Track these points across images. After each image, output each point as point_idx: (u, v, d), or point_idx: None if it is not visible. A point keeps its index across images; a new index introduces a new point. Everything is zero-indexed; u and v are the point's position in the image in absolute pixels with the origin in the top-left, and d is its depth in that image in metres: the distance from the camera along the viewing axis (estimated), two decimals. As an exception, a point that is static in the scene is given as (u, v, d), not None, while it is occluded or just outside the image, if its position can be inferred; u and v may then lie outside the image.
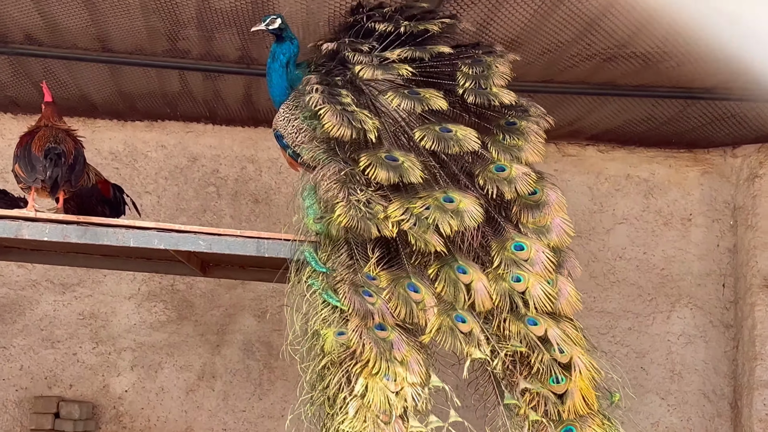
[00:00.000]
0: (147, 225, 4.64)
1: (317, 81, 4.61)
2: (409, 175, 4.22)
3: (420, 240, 4.09)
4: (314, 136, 4.55)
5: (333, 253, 4.22)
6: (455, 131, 4.41)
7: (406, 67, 4.56)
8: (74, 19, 5.79)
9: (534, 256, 4.27)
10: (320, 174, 4.34)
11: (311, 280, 4.20)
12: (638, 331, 7.78)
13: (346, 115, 4.33)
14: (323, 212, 4.25)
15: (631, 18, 5.37)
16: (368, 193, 4.18)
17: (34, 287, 7.55)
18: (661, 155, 7.89)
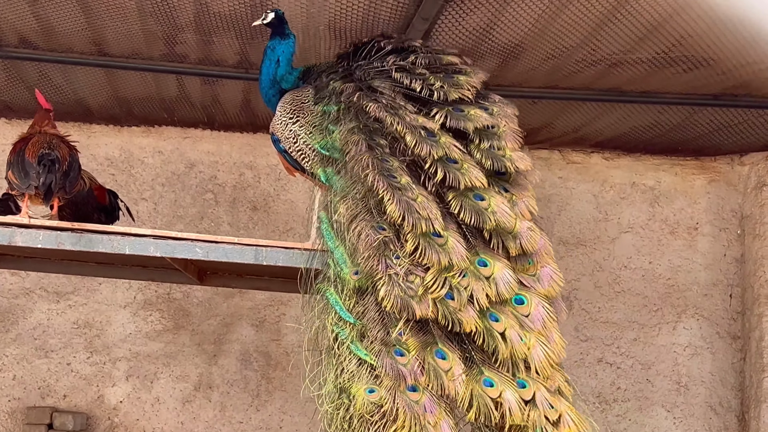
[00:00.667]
0: (143, 232, 4.63)
1: (362, 136, 4.36)
2: (453, 255, 4.04)
3: (454, 319, 3.92)
4: (324, 157, 4.49)
5: (360, 304, 4.08)
6: (488, 202, 4.25)
7: (453, 142, 4.35)
8: (70, 22, 5.79)
9: (534, 311, 4.14)
10: (349, 224, 4.19)
11: (338, 328, 4.06)
12: (644, 342, 7.76)
13: (407, 202, 4.11)
14: (358, 268, 4.10)
15: (637, 23, 5.37)
16: (404, 262, 4.02)
17: (28, 295, 7.53)
18: (667, 163, 7.88)
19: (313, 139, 4.63)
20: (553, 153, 7.89)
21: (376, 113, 4.39)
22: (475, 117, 4.41)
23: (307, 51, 5.99)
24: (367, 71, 4.67)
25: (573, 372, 7.67)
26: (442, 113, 4.38)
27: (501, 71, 6.21)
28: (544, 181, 7.87)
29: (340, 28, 5.67)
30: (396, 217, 4.06)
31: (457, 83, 4.52)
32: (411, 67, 4.60)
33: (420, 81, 4.50)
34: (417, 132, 4.28)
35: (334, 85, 4.74)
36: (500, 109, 4.51)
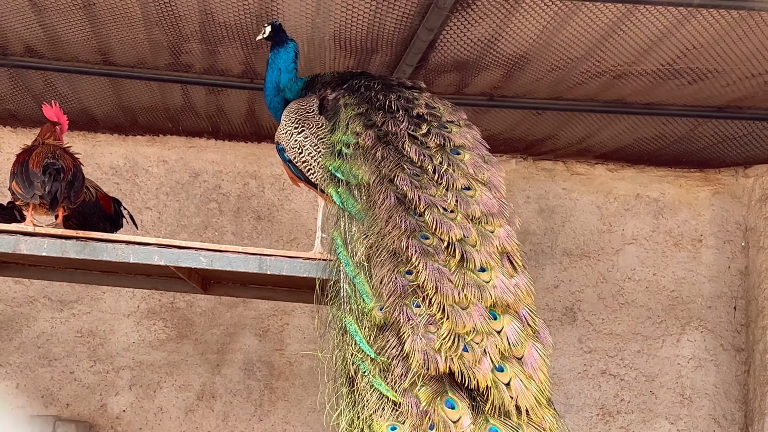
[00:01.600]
0: (147, 241, 4.63)
1: (391, 188, 4.29)
2: (476, 319, 3.97)
3: (469, 373, 3.85)
4: (338, 180, 4.43)
5: (380, 337, 4.00)
6: (490, 275, 4.15)
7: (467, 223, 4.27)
8: (76, 31, 5.81)
9: (527, 353, 4.04)
10: (369, 262, 4.14)
11: (359, 361, 4.00)
12: (647, 354, 7.75)
13: (439, 270, 4.02)
14: (382, 304, 4.03)
15: (642, 35, 5.38)
16: (425, 312, 3.95)
17: (32, 304, 7.54)
18: (671, 175, 7.88)
19: (323, 158, 4.60)
20: (557, 164, 7.90)
21: (403, 186, 4.31)
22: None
23: (313, 61, 6.01)
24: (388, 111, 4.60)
25: (576, 384, 7.68)
26: (453, 196, 4.32)
27: (505, 82, 6.22)
28: (548, 192, 7.88)
29: (345, 38, 5.68)
30: (429, 289, 3.98)
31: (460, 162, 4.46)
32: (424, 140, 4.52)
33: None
34: (438, 211, 4.22)
35: (347, 113, 4.68)
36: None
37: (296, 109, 4.90)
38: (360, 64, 6.03)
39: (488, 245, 4.10)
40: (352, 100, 4.72)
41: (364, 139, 4.44)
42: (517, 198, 7.85)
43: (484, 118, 6.91)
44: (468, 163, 4.32)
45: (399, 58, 5.87)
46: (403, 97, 4.58)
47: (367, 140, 4.42)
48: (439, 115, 4.52)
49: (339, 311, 4.20)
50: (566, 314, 7.78)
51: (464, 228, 4.11)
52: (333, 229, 4.42)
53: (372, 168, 4.35)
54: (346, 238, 4.33)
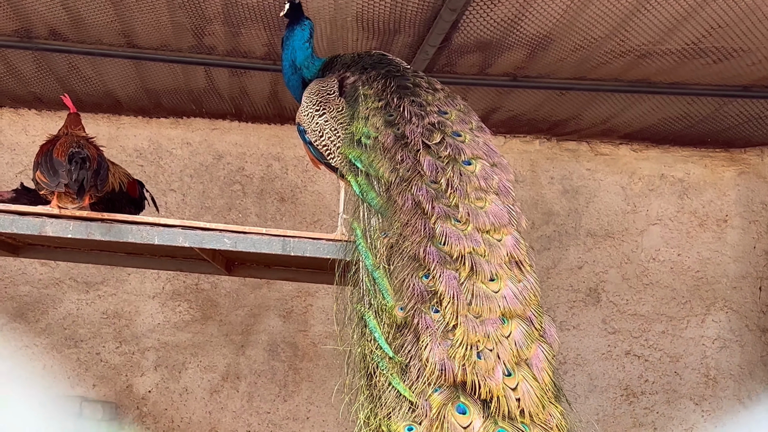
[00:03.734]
0: (172, 222, 4.64)
1: (410, 192, 4.29)
2: (489, 327, 3.99)
3: (483, 383, 3.86)
4: (357, 169, 4.43)
5: (399, 337, 4.04)
6: (499, 284, 4.17)
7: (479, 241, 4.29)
8: (99, 14, 5.82)
9: (533, 355, 4.03)
10: (389, 261, 4.16)
11: (378, 359, 4.06)
12: (672, 335, 7.74)
13: (455, 277, 4.07)
14: (402, 304, 4.06)
15: (667, 13, 5.34)
16: (442, 320, 3.96)
17: (58, 285, 7.60)
18: (696, 155, 7.84)
19: (343, 144, 4.60)
20: (581, 144, 7.87)
21: (419, 195, 4.33)
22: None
23: (335, 42, 6.01)
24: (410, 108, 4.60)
25: (600, 364, 7.67)
26: (464, 208, 4.32)
27: (529, 62, 6.20)
28: (572, 173, 7.86)
29: (367, 19, 5.67)
30: (446, 297, 4.00)
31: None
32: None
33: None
34: (451, 223, 4.25)
35: (366, 104, 4.68)
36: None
37: (317, 90, 4.88)
38: (382, 45, 6.02)
39: (497, 255, 4.13)
40: (371, 92, 4.69)
41: (384, 137, 4.45)
42: (540, 179, 7.83)
43: (507, 98, 6.89)
44: (479, 174, 4.33)
45: (422, 38, 5.86)
46: (417, 102, 4.57)
47: (387, 139, 4.43)
48: (450, 123, 4.52)
49: (358, 304, 4.22)
50: (590, 295, 7.77)
51: (474, 240, 4.13)
52: (352, 217, 4.44)
53: (391, 166, 4.36)
54: (365, 228, 4.34)
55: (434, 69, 6.31)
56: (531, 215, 7.79)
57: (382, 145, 4.42)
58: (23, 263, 7.51)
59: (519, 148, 7.86)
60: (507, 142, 7.82)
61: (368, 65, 4.86)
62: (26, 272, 7.58)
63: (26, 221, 4.59)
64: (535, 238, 7.78)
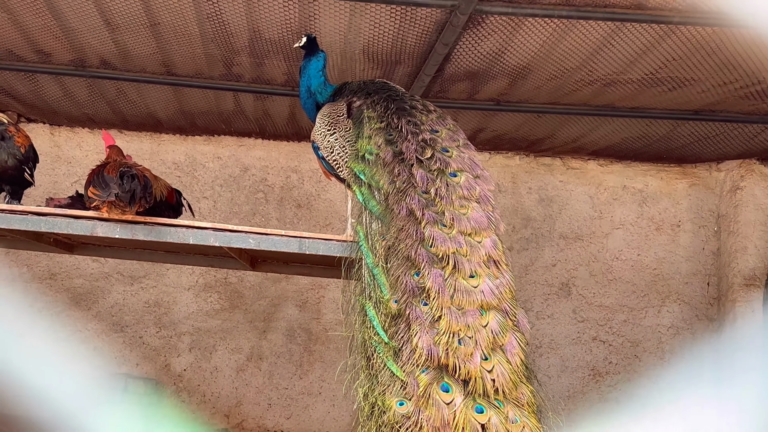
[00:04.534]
0: (204, 225, 4.64)
1: (404, 201, 4.28)
2: (470, 318, 3.99)
3: (463, 366, 3.87)
4: (361, 181, 4.44)
5: (393, 325, 4.04)
6: (478, 281, 4.17)
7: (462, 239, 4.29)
8: (143, 47, 5.83)
9: (507, 341, 4.03)
10: (386, 259, 4.15)
11: (376, 343, 4.04)
12: (632, 323, 7.72)
13: (441, 275, 4.07)
14: (397, 297, 4.05)
15: (629, 48, 5.34)
16: (429, 311, 3.97)
17: (107, 279, 7.60)
18: (653, 169, 7.83)
19: (350, 159, 4.59)
20: (555, 160, 7.87)
21: (412, 203, 4.34)
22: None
23: (345, 72, 6.01)
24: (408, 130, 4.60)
25: (571, 348, 7.66)
26: (450, 215, 4.31)
27: (511, 89, 6.19)
28: (547, 184, 7.85)
29: (372, 52, 5.67)
30: (433, 292, 4.02)
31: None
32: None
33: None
34: (438, 227, 4.25)
35: (370, 125, 4.67)
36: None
37: (329, 113, 4.89)
38: (385, 74, 6.02)
39: (477, 255, 4.13)
40: (374, 114, 4.69)
41: (384, 154, 4.45)
42: (520, 189, 7.83)
43: (492, 120, 6.88)
44: (463, 185, 4.33)
45: (419, 68, 5.86)
46: (412, 122, 4.57)
47: (387, 155, 4.44)
48: (440, 140, 4.52)
49: (360, 296, 4.23)
50: (562, 289, 7.76)
51: (458, 242, 4.14)
52: (356, 221, 4.45)
53: (390, 179, 4.37)
54: (367, 232, 4.35)
55: (429, 94, 6.31)
56: (512, 220, 7.79)
57: (383, 160, 4.42)
58: (77, 259, 7.51)
59: (502, 162, 7.85)
60: (491, 157, 7.81)
61: (372, 91, 4.86)
62: (79, 267, 7.58)
63: (80, 223, 4.59)
64: (515, 239, 7.78)
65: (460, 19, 4.96)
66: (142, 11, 5.28)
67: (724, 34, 5.07)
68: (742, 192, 7.44)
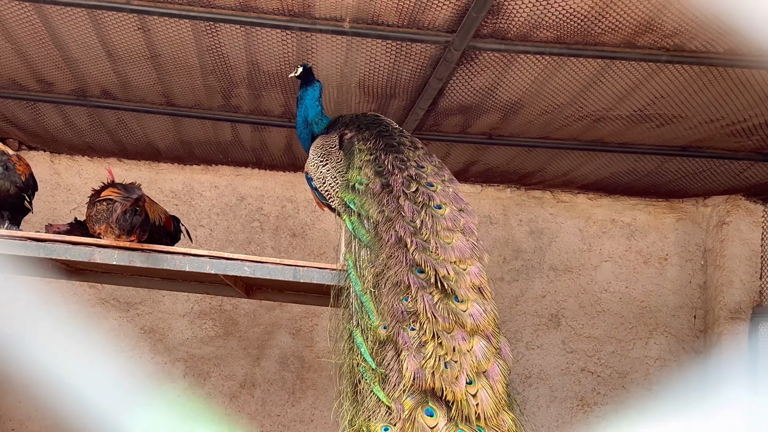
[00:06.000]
0: (200, 253, 4.63)
1: (393, 230, 4.29)
2: (458, 341, 4.01)
3: (448, 389, 3.86)
4: (351, 210, 4.47)
5: (381, 352, 4.04)
6: (466, 305, 4.18)
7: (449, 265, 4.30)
8: (144, 78, 5.84)
9: (491, 368, 4.01)
10: (374, 286, 4.17)
11: (363, 370, 4.03)
12: (620, 355, 7.70)
13: (431, 299, 4.09)
14: (386, 323, 4.06)
15: (618, 85, 5.37)
16: (417, 336, 3.98)
17: (103, 305, 7.56)
18: (642, 203, 7.85)
19: (340, 189, 4.63)
20: (546, 193, 7.88)
21: (400, 231, 4.34)
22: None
23: (341, 104, 6.02)
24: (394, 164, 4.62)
25: (560, 379, 7.62)
26: (435, 243, 4.29)
27: (502, 124, 6.21)
28: (537, 216, 7.86)
29: (368, 85, 5.69)
30: (424, 316, 4.01)
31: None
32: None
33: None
34: (426, 253, 4.25)
35: (360, 157, 4.68)
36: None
37: (322, 145, 4.94)
38: (380, 107, 6.04)
39: (463, 281, 4.14)
40: (364, 147, 4.73)
41: (373, 185, 4.49)
42: (511, 221, 7.83)
43: (484, 153, 6.90)
44: (447, 217, 4.37)
45: (413, 102, 5.88)
46: (399, 158, 4.61)
47: (376, 186, 4.48)
48: (425, 175, 4.56)
49: (349, 323, 4.23)
50: (552, 320, 7.74)
51: (445, 268, 4.15)
52: (345, 249, 4.45)
53: (379, 208, 4.39)
54: (356, 260, 4.37)
55: (423, 128, 6.33)
56: (502, 252, 7.78)
57: (372, 191, 4.46)
58: (74, 285, 7.47)
59: (493, 195, 7.86)
60: (483, 189, 7.83)
61: (363, 125, 4.91)
62: (77, 293, 7.54)
63: (78, 250, 4.58)
64: (505, 270, 7.77)
65: (454, 54, 4.98)
66: (143, 43, 5.30)
67: (711, 73, 5.11)
68: (728, 227, 7.45)
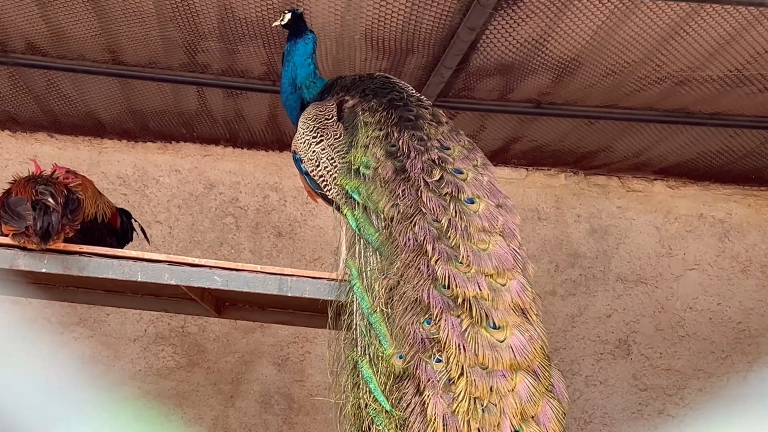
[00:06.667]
0: (157, 258, 4.65)
1: (411, 230, 4.33)
2: (496, 380, 4.05)
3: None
4: (354, 202, 4.47)
5: (397, 389, 4.05)
6: (505, 333, 4.22)
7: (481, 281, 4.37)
8: (82, 27, 5.86)
9: (541, 412, 4.06)
10: (387, 305, 4.19)
11: (374, 413, 4.04)
12: (710, 393, 7.70)
13: (459, 325, 4.12)
14: (402, 352, 4.09)
15: (708, 37, 5.36)
16: (444, 370, 4.00)
17: (30, 325, 7.59)
18: (739, 193, 7.84)
19: (339, 175, 4.62)
20: (612, 180, 7.88)
21: (420, 234, 4.37)
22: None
23: (342, 62, 6.04)
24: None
25: (630, 425, 7.63)
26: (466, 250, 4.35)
27: (554, 88, 6.22)
28: (601, 210, 7.86)
29: (377, 37, 5.70)
30: (449, 348, 4.01)
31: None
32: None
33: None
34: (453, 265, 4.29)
35: (366, 133, 4.70)
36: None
37: (314, 116, 4.91)
38: (393, 65, 6.05)
39: (502, 301, 4.15)
40: (372, 120, 4.70)
41: (383, 169, 4.47)
42: (566, 216, 7.84)
43: (530, 126, 6.91)
44: (482, 215, 4.36)
45: (437, 59, 5.89)
46: (417, 136, 4.59)
47: (387, 171, 4.46)
48: (451, 159, 4.55)
49: (352, 351, 4.24)
50: (619, 347, 7.75)
51: (478, 284, 4.14)
52: (347, 254, 4.46)
53: (392, 201, 4.38)
54: (362, 268, 4.36)
55: (450, 93, 6.34)
56: (555, 257, 7.79)
57: (382, 177, 4.44)
58: (-9, 300, 7.51)
59: (542, 182, 7.87)
60: (529, 175, 7.83)
61: (370, 91, 4.87)
62: (-6, 310, 7.59)
63: (-6, 253, 4.60)
64: (558, 282, 7.77)
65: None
66: (82, -19, 5.34)
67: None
68: None
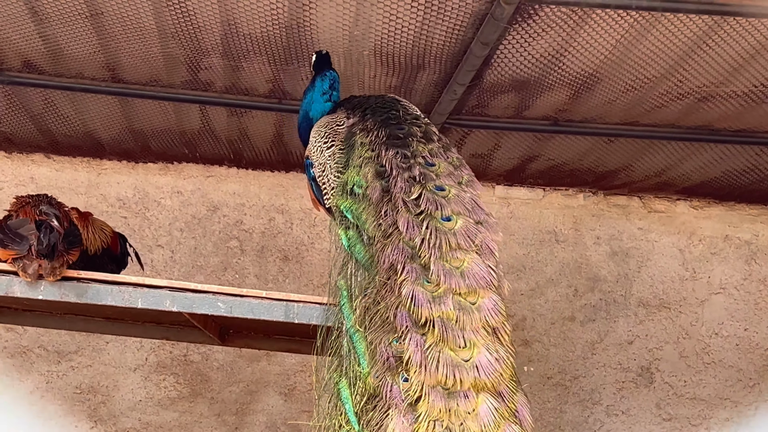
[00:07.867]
0: (158, 283, 4.65)
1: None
2: (459, 401, 4.13)
3: None
4: (348, 221, 4.57)
5: (369, 410, 4.14)
6: (472, 352, 4.28)
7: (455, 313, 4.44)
8: (80, 44, 5.87)
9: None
10: (362, 322, 4.29)
11: None
12: (737, 423, 7.67)
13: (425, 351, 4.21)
14: (374, 369, 4.18)
15: (732, 51, 5.35)
16: (409, 389, 4.07)
17: (25, 354, 7.60)
18: (766, 213, 7.83)
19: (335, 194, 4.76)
20: (633, 200, 7.87)
21: (393, 257, 4.41)
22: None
23: (350, 79, 6.04)
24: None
25: (654, 456, 7.60)
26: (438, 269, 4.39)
27: (572, 104, 6.21)
28: (621, 232, 7.85)
29: (387, 53, 5.71)
30: (412, 367, 4.09)
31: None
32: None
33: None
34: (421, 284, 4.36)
35: (360, 153, 4.80)
36: None
37: (326, 123, 5.07)
38: (404, 82, 6.06)
39: (470, 320, 4.20)
40: (366, 140, 4.83)
41: (372, 190, 4.58)
42: (585, 238, 7.83)
43: (547, 145, 6.91)
44: (459, 232, 4.42)
45: (449, 76, 5.89)
46: (402, 153, 4.67)
47: (375, 192, 4.56)
48: (434, 176, 4.62)
49: (335, 372, 4.32)
50: (642, 375, 7.73)
51: (444, 303, 4.20)
52: (339, 274, 4.50)
53: (376, 221, 4.47)
54: (350, 287, 4.45)
55: (463, 111, 6.34)
56: (573, 281, 7.77)
57: (369, 199, 4.53)
58: (-14, 328, 7.53)
59: (560, 202, 7.86)
60: (546, 195, 7.83)
61: (369, 110, 5.02)
62: (-11, 338, 7.60)
63: (-11, 279, 4.61)
64: (577, 307, 7.76)
65: (505, 10, 4.98)
66: (81, -4, 5.36)
67: None
68: None
